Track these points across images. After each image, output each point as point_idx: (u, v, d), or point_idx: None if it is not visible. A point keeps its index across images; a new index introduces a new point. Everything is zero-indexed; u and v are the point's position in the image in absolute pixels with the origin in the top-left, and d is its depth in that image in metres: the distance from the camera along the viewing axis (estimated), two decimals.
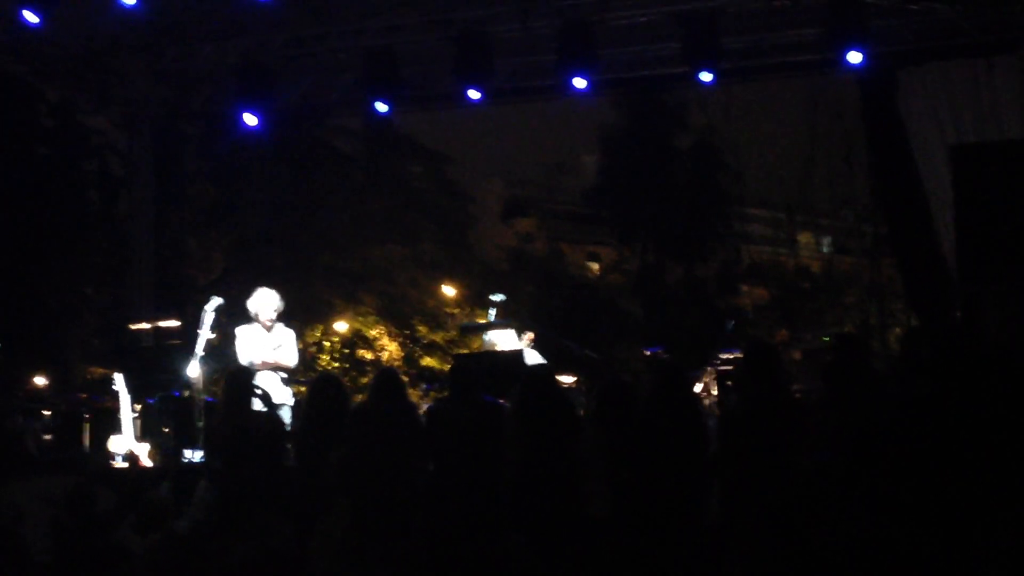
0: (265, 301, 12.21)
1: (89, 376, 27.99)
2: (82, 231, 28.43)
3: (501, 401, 9.34)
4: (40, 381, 21.84)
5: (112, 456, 12.27)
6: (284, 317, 12.48)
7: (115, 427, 12.51)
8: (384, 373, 9.87)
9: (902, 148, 15.47)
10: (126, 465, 12.10)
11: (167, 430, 12.83)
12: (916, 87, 15.45)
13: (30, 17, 13.21)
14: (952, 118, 15.18)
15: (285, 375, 12.12)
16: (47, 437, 14.85)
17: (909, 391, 7.44)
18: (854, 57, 14.07)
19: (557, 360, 15.24)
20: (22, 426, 14.32)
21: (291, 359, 12.12)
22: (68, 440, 14.07)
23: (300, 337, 33.58)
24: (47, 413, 15.98)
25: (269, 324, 12.12)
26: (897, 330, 34.15)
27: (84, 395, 17.94)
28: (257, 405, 9.89)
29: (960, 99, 15.17)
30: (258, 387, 10.15)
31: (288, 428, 10.42)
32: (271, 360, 11.91)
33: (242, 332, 12.08)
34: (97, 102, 19.00)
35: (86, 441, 13.75)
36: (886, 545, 6.76)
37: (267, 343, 12.02)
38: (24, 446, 13.74)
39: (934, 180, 15.10)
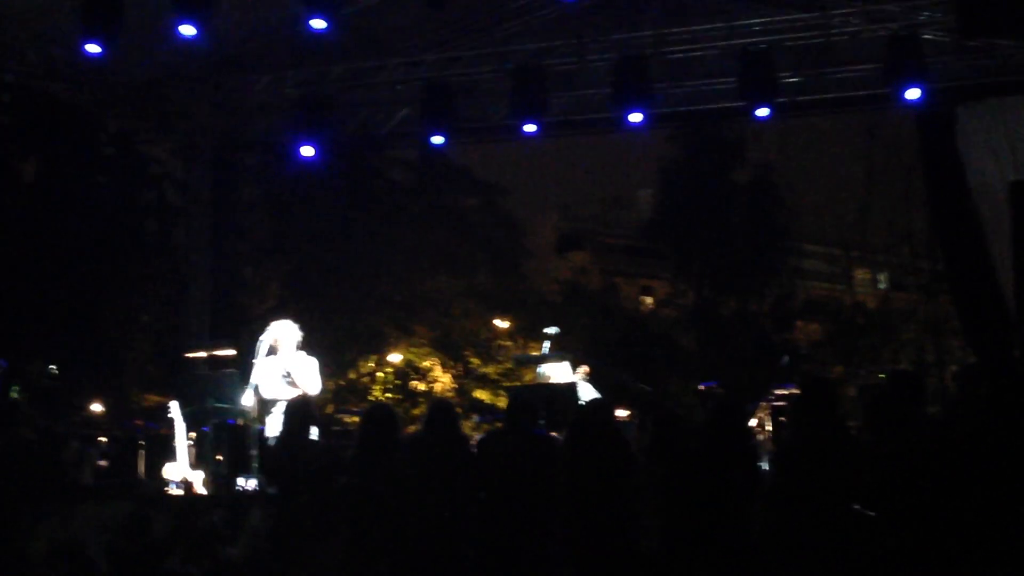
0: (284, 333, 12.23)
1: (144, 403, 28.20)
2: (140, 259, 28.67)
3: (554, 434, 9.33)
4: (96, 408, 22.01)
5: (166, 483, 12.33)
6: (306, 346, 12.49)
7: (170, 454, 12.56)
8: (438, 404, 9.88)
9: (960, 184, 15.38)
10: (180, 492, 12.15)
11: (221, 458, 12.87)
12: (975, 123, 15.35)
13: (92, 48, 13.38)
14: (1011, 154, 15.06)
15: None
16: (102, 463, 14.94)
17: (966, 429, 7.37)
18: (912, 93, 13.99)
19: (611, 393, 15.20)
20: (79, 452, 14.41)
21: (313, 387, 12.11)
22: (123, 467, 14.15)
23: (354, 367, 33.94)
24: (103, 439, 16.09)
25: (288, 355, 12.13)
26: (954, 367, 33.85)
27: (139, 422, 18.07)
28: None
29: (1019, 135, 15.07)
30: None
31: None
32: (293, 390, 11.88)
33: (262, 364, 12.09)
34: (156, 132, 19.20)
35: (141, 468, 13.81)
36: None
37: (284, 375, 12.02)
38: (81, 473, 13.83)
39: (992, 216, 14.99)
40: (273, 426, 11.66)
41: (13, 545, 8.22)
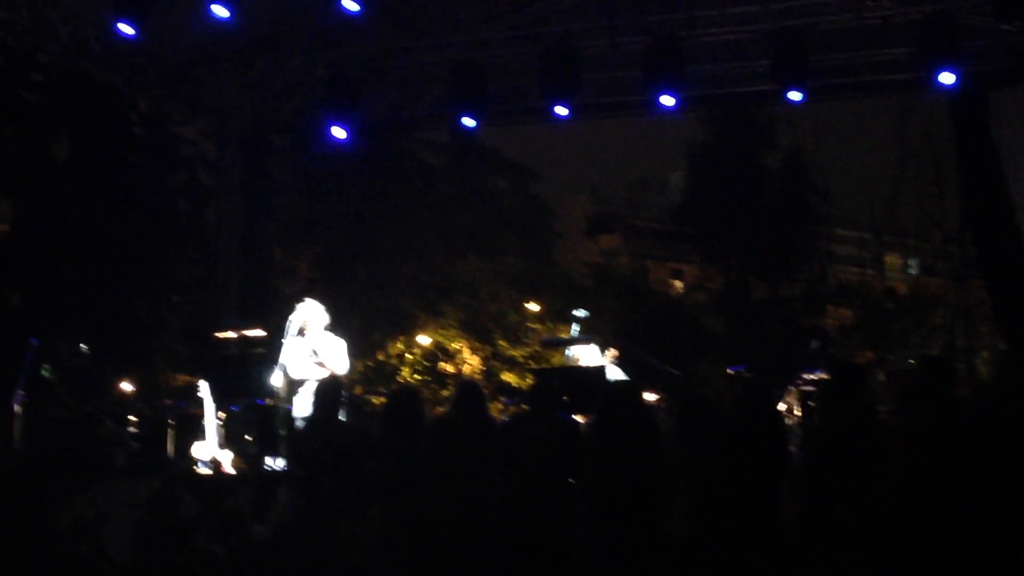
0: (313, 313, 12.26)
1: (174, 383, 28.31)
2: (170, 239, 28.76)
3: (578, 417, 9.32)
4: (126, 387, 22.10)
5: (195, 462, 12.38)
6: (335, 327, 12.50)
7: (199, 434, 12.62)
8: (465, 386, 9.87)
9: (993, 169, 15.30)
10: (209, 471, 12.21)
11: (249, 438, 12.92)
12: (1009, 108, 15.25)
13: (125, 29, 13.42)
14: None
15: None
16: (132, 443, 15.02)
17: (997, 415, 7.32)
18: (946, 78, 13.88)
19: (639, 376, 15.18)
20: (112, 431, 14.48)
21: (341, 368, 12.12)
22: (152, 446, 14.22)
23: (382, 348, 34.02)
24: (132, 419, 16.17)
25: (316, 336, 12.14)
26: (984, 353, 33.70)
27: (169, 401, 18.13)
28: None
29: None
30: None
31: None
32: (321, 371, 11.89)
33: (289, 345, 12.12)
34: (188, 112, 19.23)
35: (170, 447, 13.88)
36: (972, 566, 6.66)
37: (311, 354, 12.04)
38: (112, 451, 13.91)
39: None
40: (301, 406, 11.69)
41: (40, 522, 8.25)
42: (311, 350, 11.97)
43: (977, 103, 15.43)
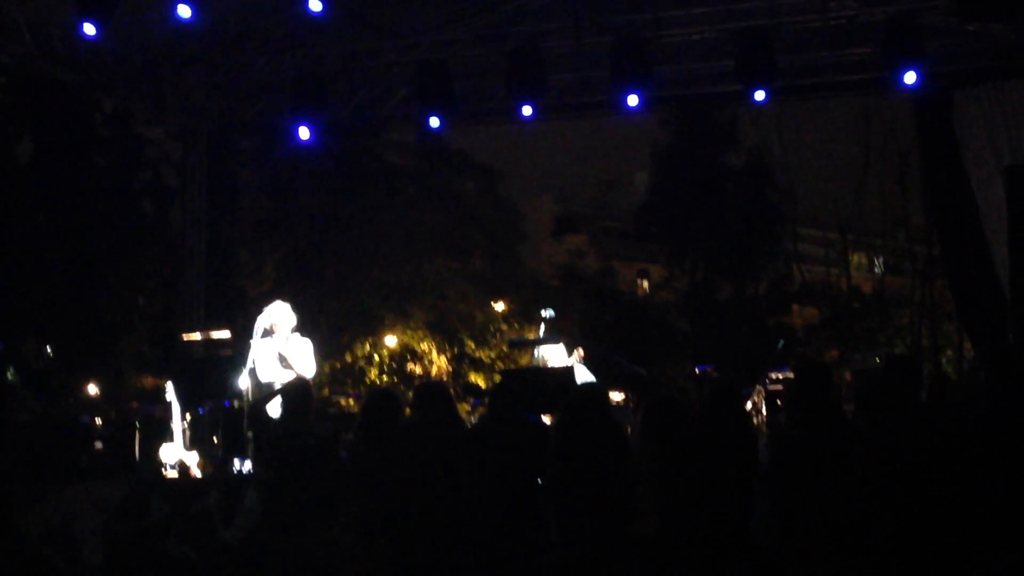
0: (280, 315, 12.20)
1: (140, 385, 28.21)
2: (136, 241, 28.66)
3: (545, 418, 9.31)
4: (92, 390, 21.99)
5: (162, 465, 12.34)
6: (302, 328, 12.46)
7: (165, 436, 12.58)
8: (428, 387, 9.84)
9: (956, 168, 15.39)
10: (176, 474, 12.17)
11: (216, 440, 12.88)
12: (972, 107, 15.36)
13: (88, 28, 13.33)
14: (1008, 139, 15.07)
15: None
16: (98, 445, 14.95)
17: (963, 414, 7.38)
18: (909, 77, 13.98)
19: (606, 376, 15.21)
20: (78, 434, 14.43)
21: (308, 370, 12.07)
22: (119, 448, 14.17)
23: (350, 350, 33.93)
24: (99, 421, 16.11)
25: (284, 338, 12.10)
26: (949, 352, 33.90)
27: (135, 404, 18.07)
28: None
29: (1016, 120, 15.07)
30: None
31: None
32: (288, 372, 11.85)
33: (258, 347, 12.05)
34: (153, 113, 19.13)
35: (136, 450, 13.83)
36: (937, 565, 6.71)
37: (280, 356, 11.99)
38: (78, 455, 13.85)
39: (989, 201, 15.01)
40: (269, 408, 11.66)
41: (8, 526, 8.22)
42: (278, 352, 11.93)
43: (940, 102, 15.52)
